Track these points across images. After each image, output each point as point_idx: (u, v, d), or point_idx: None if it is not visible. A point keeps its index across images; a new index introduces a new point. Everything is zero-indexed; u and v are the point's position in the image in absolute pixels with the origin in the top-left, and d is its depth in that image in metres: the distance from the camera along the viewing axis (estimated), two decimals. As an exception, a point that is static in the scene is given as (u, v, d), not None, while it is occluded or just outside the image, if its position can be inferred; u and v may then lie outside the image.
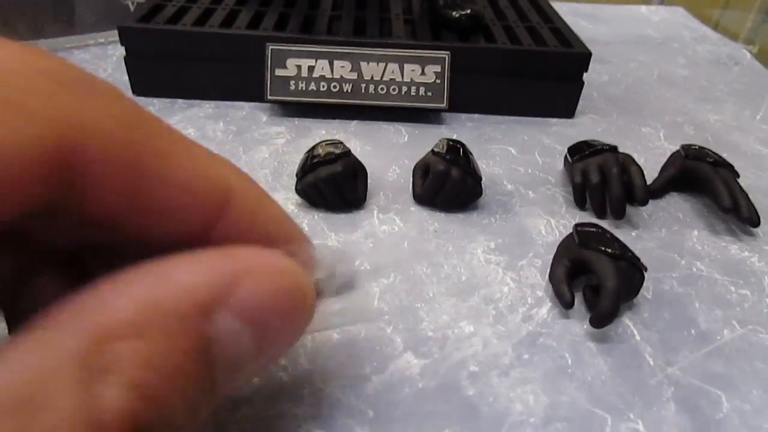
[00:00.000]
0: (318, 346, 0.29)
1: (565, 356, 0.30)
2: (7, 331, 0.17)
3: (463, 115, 0.52)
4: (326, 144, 0.39)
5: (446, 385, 0.28)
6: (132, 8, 0.61)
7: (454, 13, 0.51)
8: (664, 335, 0.31)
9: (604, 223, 0.39)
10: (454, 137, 0.44)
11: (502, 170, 0.45)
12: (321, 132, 0.48)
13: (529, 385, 0.28)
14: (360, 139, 0.47)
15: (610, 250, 0.32)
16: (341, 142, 0.39)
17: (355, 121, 0.50)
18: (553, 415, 0.27)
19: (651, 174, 0.43)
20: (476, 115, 0.52)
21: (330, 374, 0.28)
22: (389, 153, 0.46)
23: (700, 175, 0.42)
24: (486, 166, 0.45)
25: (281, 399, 0.26)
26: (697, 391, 0.28)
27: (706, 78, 0.65)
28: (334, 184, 0.37)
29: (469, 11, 0.51)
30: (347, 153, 0.38)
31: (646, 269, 0.32)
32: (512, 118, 0.52)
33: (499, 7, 0.59)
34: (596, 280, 0.32)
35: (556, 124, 0.52)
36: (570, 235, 0.35)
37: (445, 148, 0.39)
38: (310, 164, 0.38)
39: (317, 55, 0.48)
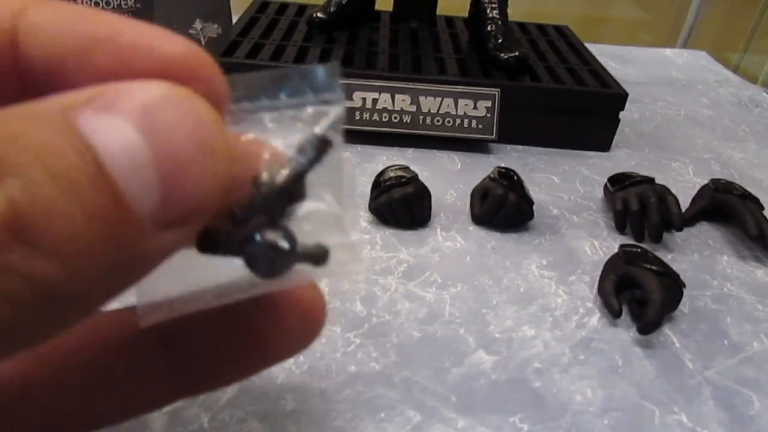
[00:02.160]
0: (402, 342, 0.34)
1: (615, 358, 0.34)
2: None
3: (509, 146, 0.57)
4: (396, 168, 0.44)
5: (515, 378, 0.32)
6: (203, 42, 0.67)
7: (503, 55, 0.57)
8: (701, 344, 0.36)
9: (642, 246, 0.44)
10: (503, 165, 0.49)
11: (547, 196, 0.50)
12: (382, 158, 0.53)
13: (586, 380, 0.32)
14: (418, 165, 0.52)
15: (654, 267, 0.36)
16: (408, 167, 0.45)
17: (411, 149, 0.55)
18: (609, 406, 0.31)
19: (682, 205, 0.48)
20: (520, 146, 0.58)
21: (416, 365, 0.32)
22: (446, 178, 0.51)
23: (728, 207, 0.46)
24: (533, 192, 0.50)
25: (377, 384, 0.31)
26: (731, 391, 0.33)
27: (729, 118, 0.70)
28: (406, 204, 0.42)
29: (517, 53, 0.56)
30: (415, 177, 0.44)
31: (685, 286, 0.37)
32: (553, 149, 0.58)
33: (540, 49, 0.65)
34: (640, 294, 0.36)
35: (593, 156, 0.57)
36: (616, 254, 0.39)
37: (500, 175, 0.44)
38: (384, 186, 0.43)
39: (380, 89, 0.53)
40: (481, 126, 0.54)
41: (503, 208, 0.43)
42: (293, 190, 0.13)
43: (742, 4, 1.07)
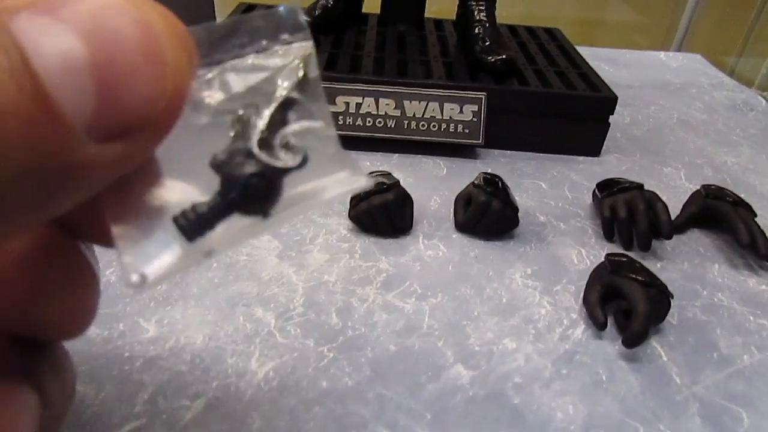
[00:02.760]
0: (378, 356, 0.32)
1: (599, 372, 0.33)
2: None
3: (497, 151, 0.56)
4: (377, 175, 0.43)
5: (494, 394, 0.31)
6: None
7: (490, 58, 0.55)
8: (689, 357, 0.34)
9: (630, 255, 0.42)
10: (489, 171, 0.48)
11: (534, 203, 0.49)
12: (366, 164, 0.52)
13: (568, 396, 0.31)
14: (402, 171, 0.51)
15: (640, 278, 0.35)
16: (390, 173, 0.43)
17: (396, 155, 0.54)
18: (591, 424, 0.30)
19: (673, 211, 0.47)
20: (508, 152, 0.56)
21: (390, 381, 0.31)
22: (430, 184, 0.50)
23: (720, 213, 0.45)
24: (519, 198, 0.49)
25: (349, 401, 0.30)
26: (720, 407, 0.31)
27: (723, 122, 0.68)
28: (386, 211, 0.41)
29: (504, 56, 0.55)
30: (397, 183, 0.42)
31: (672, 296, 0.36)
32: (542, 155, 0.56)
33: (529, 52, 0.64)
34: (627, 305, 0.35)
35: (583, 161, 0.56)
36: (602, 264, 0.38)
37: (484, 181, 0.43)
38: (364, 193, 0.41)
39: (364, 93, 0.52)
40: (467, 130, 0.53)
41: (487, 215, 0.42)
42: (280, 122, 0.13)
43: (737, 7, 1.07)
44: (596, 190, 0.47)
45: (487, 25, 0.58)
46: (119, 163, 0.11)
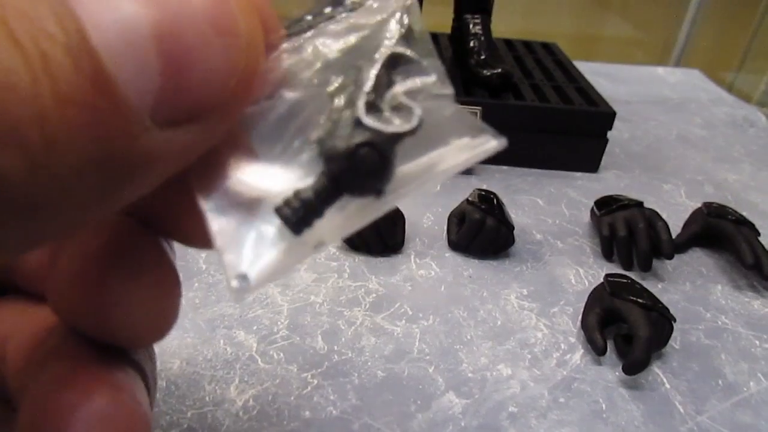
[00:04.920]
0: (364, 383, 0.31)
1: (599, 401, 0.31)
2: None
3: (493, 167, 0.55)
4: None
5: (487, 425, 0.29)
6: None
7: (485, 72, 0.54)
8: (693, 385, 0.33)
9: (630, 275, 0.41)
10: (484, 187, 0.46)
11: (530, 220, 0.47)
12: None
13: (566, 427, 0.29)
14: (395, 187, 0.50)
15: (641, 301, 0.33)
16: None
17: (389, 170, 0.52)
18: (591, 457, 0.28)
19: (673, 229, 0.45)
20: (505, 167, 0.55)
21: (377, 410, 0.29)
22: (422, 200, 0.48)
23: (722, 233, 0.44)
24: (515, 215, 0.47)
25: None
26: (727, 439, 0.30)
27: (723, 138, 0.67)
28: (376, 229, 0.39)
29: (499, 70, 0.54)
30: (388, 200, 0.41)
31: (675, 320, 0.34)
32: (539, 170, 0.55)
33: (526, 66, 0.63)
34: (627, 329, 0.33)
35: (580, 178, 0.55)
36: (601, 285, 0.36)
37: (479, 198, 0.41)
38: (354, 209, 0.40)
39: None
40: (462, 146, 0.51)
41: (481, 233, 0.40)
42: (387, 83, 0.11)
43: (735, 22, 1.06)
44: (594, 208, 0.45)
45: (483, 38, 0.57)
46: (188, 149, 0.10)
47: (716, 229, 0.44)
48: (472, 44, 0.57)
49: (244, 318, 0.34)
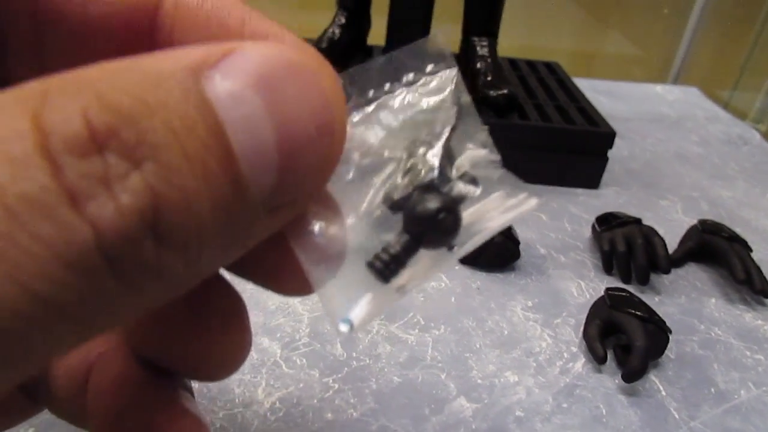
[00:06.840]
0: (382, 388, 0.33)
1: (599, 407, 0.33)
2: None
3: (497, 183, 0.57)
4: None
5: (496, 428, 0.31)
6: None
7: (492, 93, 0.57)
8: (687, 392, 0.35)
9: (629, 288, 0.43)
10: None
11: (535, 235, 0.49)
12: (370, 193, 0.53)
13: (569, 431, 0.32)
14: (405, 202, 0.52)
15: (639, 313, 0.36)
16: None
17: (399, 185, 0.55)
18: (592, 458, 0.30)
19: (670, 244, 0.48)
20: (509, 183, 0.57)
21: (394, 413, 0.32)
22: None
23: (716, 249, 0.46)
24: (520, 230, 0.50)
25: (353, 432, 0.30)
26: (717, 443, 0.32)
27: (718, 156, 0.70)
28: (390, 243, 0.42)
29: (505, 91, 0.57)
30: (401, 215, 0.43)
31: (671, 332, 0.36)
32: (541, 186, 0.57)
33: (529, 86, 0.65)
34: (626, 339, 0.36)
35: (582, 194, 0.57)
36: (601, 298, 0.39)
37: (487, 215, 0.44)
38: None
39: (369, 125, 0.53)
40: (469, 163, 0.54)
41: (488, 248, 0.43)
42: (448, 153, 0.14)
43: (732, 40, 1.09)
44: (595, 224, 0.48)
45: (489, 60, 0.59)
46: (276, 228, 0.12)
47: (710, 246, 0.47)
48: (478, 65, 0.59)
49: (268, 326, 0.37)
